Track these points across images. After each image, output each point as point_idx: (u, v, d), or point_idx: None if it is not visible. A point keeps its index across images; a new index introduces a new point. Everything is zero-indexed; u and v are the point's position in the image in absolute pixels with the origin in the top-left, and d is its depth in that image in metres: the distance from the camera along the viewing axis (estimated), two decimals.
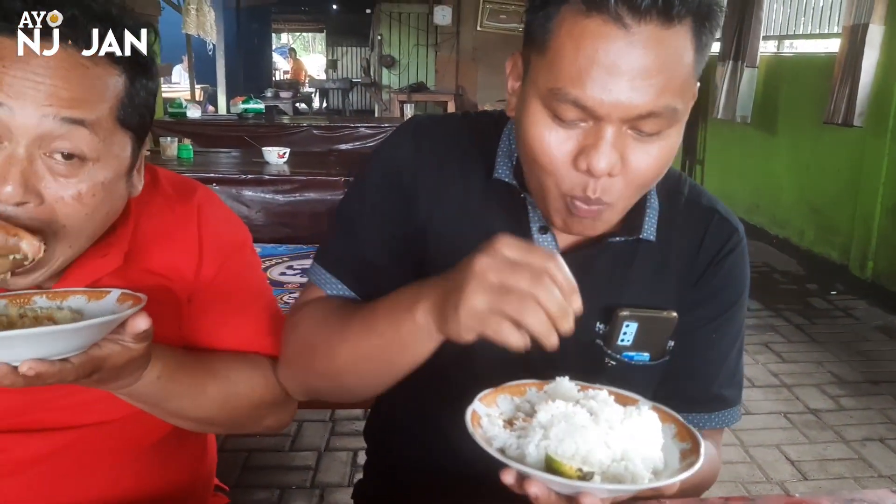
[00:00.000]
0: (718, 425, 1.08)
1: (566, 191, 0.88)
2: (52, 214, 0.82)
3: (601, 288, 1.01)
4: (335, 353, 0.95)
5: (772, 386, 3.41)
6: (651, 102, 0.82)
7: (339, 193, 3.22)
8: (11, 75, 0.78)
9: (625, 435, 0.75)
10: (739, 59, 6.01)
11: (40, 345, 0.71)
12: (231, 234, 1.07)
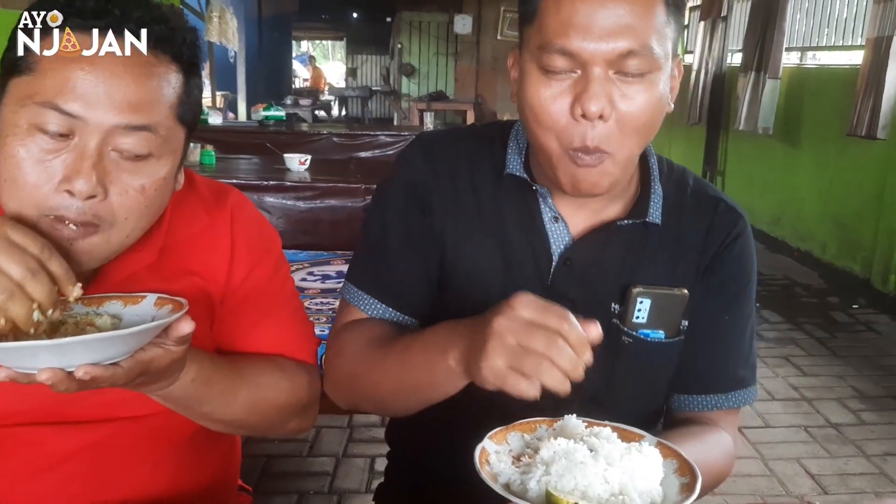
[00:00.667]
0: (735, 405, 1.13)
1: (567, 144, 0.95)
2: (111, 207, 0.85)
3: (615, 270, 1.07)
4: (376, 385, 1.04)
5: (792, 399, 3.38)
6: (628, 42, 0.91)
7: (359, 201, 3.24)
8: (84, 74, 0.81)
9: (623, 470, 0.78)
10: (762, 71, 5.99)
11: (95, 350, 0.73)
12: (263, 238, 1.10)
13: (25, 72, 0.82)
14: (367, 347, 1.06)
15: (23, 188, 0.82)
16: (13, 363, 0.73)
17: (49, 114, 0.81)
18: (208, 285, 1.03)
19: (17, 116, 0.82)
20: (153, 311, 0.86)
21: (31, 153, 0.82)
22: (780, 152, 6.19)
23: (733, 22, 7.25)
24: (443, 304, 1.12)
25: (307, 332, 1.15)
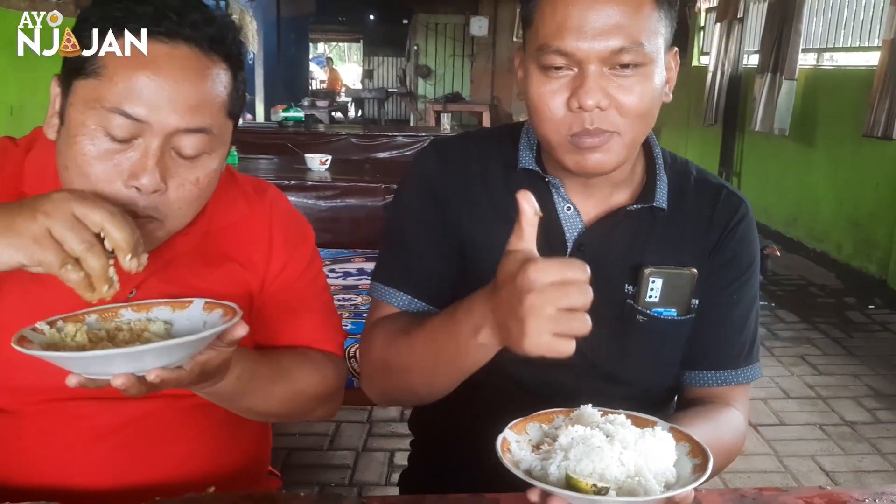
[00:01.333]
0: (745, 380, 1.19)
1: (567, 131, 1.03)
2: (169, 200, 0.93)
3: (626, 253, 1.14)
4: (410, 372, 1.08)
5: (807, 398, 3.40)
6: (620, 40, 0.98)
7: (378, 200, 3.30)
8: (148, 80, 0.88)
9: (638, 453, 0.82)
10: (778, 72, 5.99)
11: (164, 356, 0.80)
12: (299, 231, 1.17)
13: (91, 75, 0.88)
14: (395, 337, 1.11)
15: (93, 183, 0.89)
16: (89, 370, 0.80)
17: (116, 118, 0.88)
18: (247, 273, 1.10)
19: (85, 117, 0.89)
20: (203, 314, 0.92)
21: (100, 151, 0.89)
22: (796, 153, 6.19)
23: (749, 23, 7.25)
24: (463, 292, 1.17)
25: (336, 325, 1.21)
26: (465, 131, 1.27)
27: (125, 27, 0.88)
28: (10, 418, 0.99)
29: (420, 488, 1.34)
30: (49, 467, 1.00)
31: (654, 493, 0.79)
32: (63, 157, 0.92)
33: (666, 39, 1.04)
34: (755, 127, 6.30)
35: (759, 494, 0.98)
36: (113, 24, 0.88)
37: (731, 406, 1.17)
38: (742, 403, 1.20)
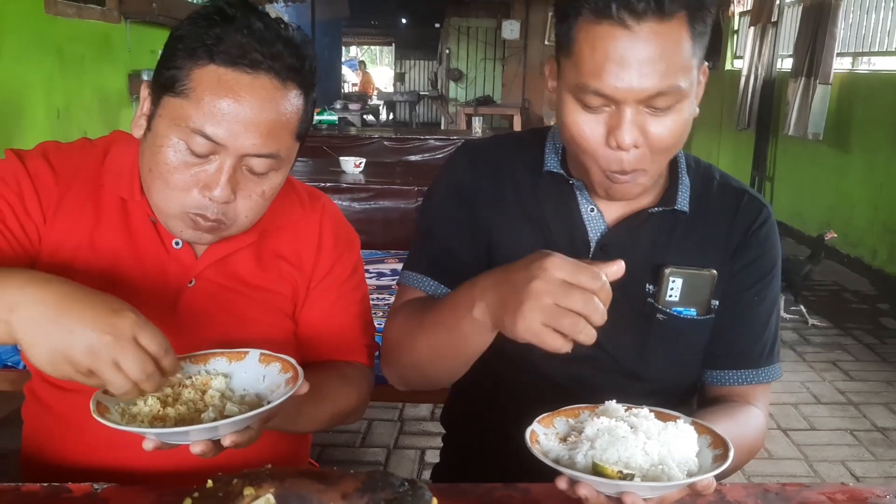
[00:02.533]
0: (765, 380, 1.21)
1: (603, 167, 1.06)
2: (237, 209, 1.03)
3: (648, 254, 1.17)
4: (414, 347, 1.13)
5: (839, 403, 3.39)
6: (657, 84, 0.99)
7: (411, 202, 3.36)
8: (229, 107, 0.96)
9: (661, 443, 0.86)
10: (812, 76, 5.95)
11: (238, 425, 0.87)
12: (346, 238, 1.24)
13: (180, 94, 0.97)
14: (408, 318, 1.16)
15: (172, 189, 1.00)
16: (168, 441, 0.88)
17: (198, 137, 0.97)
18: (296, 272, 1.17)
19: (170, 131, 0.98)
20: (260, 367, 0.99)
21: (180, 162, 0.99)
22: (830, 158, 6.13)
23: (783, 27, 7.20)
24: None
25: (370, 335, 1.28)
26: (495, 134, 1.32)
27: (214, 55, 0.96)
28: (76, 397, 1.06)
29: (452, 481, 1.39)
30: (108, 447, 1.07)
31: (677, 480, 0.83)
32: (147, 161, 1.02)
33: (699, 60, 1.05)
34: (788, 131, 6.26)
35: (781, 489, 1.01)
36: (204, 50, 0.96)
37: (752, 405, 1.20)
38: (762, 402, 1.22)
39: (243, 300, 1.13)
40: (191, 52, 0.97)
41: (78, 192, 1.08)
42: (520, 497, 0.99)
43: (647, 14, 0.97)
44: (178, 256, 1.10)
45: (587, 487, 0.83)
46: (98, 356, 0.81)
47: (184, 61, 0.97)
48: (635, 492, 0.82)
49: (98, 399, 0.89)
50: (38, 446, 1.14)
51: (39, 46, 3.05)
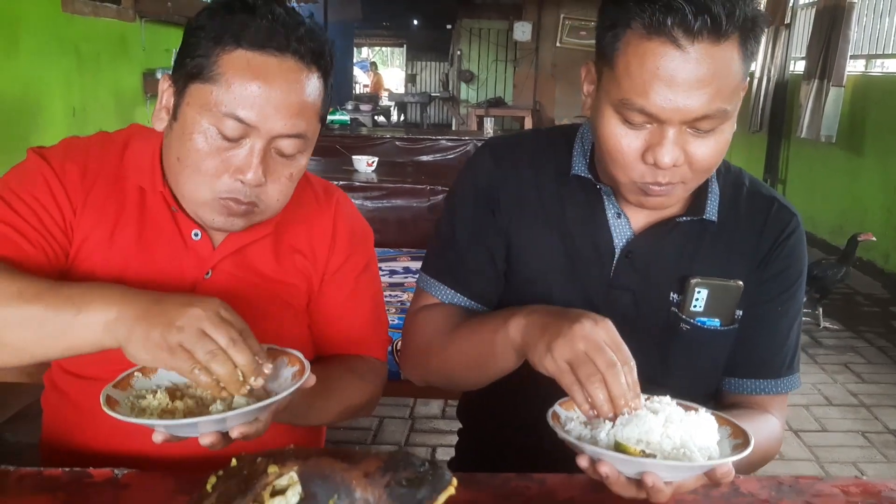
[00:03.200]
0: (785, 390, 1.21)
1: (636, 179, 1.04)
2: (267, 191, 1.05)
3: (674, 262, 1.16)
4: (447, 356, 1.16)
5: (850, 405, 3.38)
6: (704, 107, 0.97)
7: (424, 201, 3.37)
8: (259, 90, 0.98)
9: (683, 428, 0.87)
10: (825, 79, 5.93)
11: (245, 417, 0.88)
12: (360, 230, 1.25)
13: (209, 80, 0.99)
14: (441, 325, 1.19)
15: (203, 175, 1.01)
16: (177, 434, 0.89)
17: (230, 122, 0.98)
18: (310, 265, 1.18)
19: (200, 117, 0.99)
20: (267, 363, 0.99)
21: (212, 148, 1.00)
22: (843, 161, 6.11)
23: (797, 29, 7.18)
24: (509, 293, 1.23)
25: (383, 330, 1.29)
26: (521, 131, 1.32)
27: (242, 41, 0.98)
28: (95, 385, 1.07)
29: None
30: (126, 435, 1.08)
31: (697, 462, 0.84)
32: (175, 150, 1.03)
33: (746, 79, 1.03)
34: (801, 134, 6.24)
35: (795, 482, 1.02)
36: (231, 36, 0.98)
37: (769, 413, 1.19)
38: (779, 411, 1.22)
39: (259, 292, 1.14)
40: (217, 39, 0.99)
41: (102, 185, 1.09)
42: (535, 487, 1.00)
43: (703, 34, 0.94)
44: (196, 248, 1.11)
45: (608, 466, 0.84)
46: (184, 328, 0.85)
47: (210, 48, 0.99)
48: (656, 471, 0.83)
49: (108, 393, 0.90)
50: (57, 434, 1.15)
51: (57, 44, 3.08)
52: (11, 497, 0.92)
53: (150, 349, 0.86)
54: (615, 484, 0.85)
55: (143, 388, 0.95)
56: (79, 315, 0.89)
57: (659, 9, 0.93)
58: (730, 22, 0.94)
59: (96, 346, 0.91)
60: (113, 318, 0.88)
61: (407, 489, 0.60)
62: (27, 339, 0.92)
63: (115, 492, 0.95)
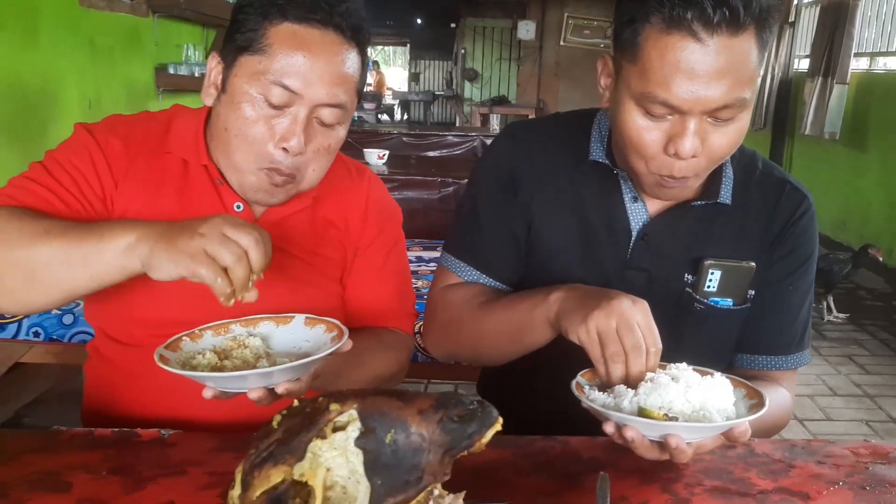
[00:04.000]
0: (794, 366, 1.26)
1: (655, 170, 1.08)
2: (307, 161, 1.11)
3: (688, 244, 1.20)
4: (479, 330, 1.21)
5: (854, 396, 3.43)
6: (724, 97, 1.00)
7: (434, 193, 3.42)
8: (305, 59, 1.04)
9: (702, 392, 0.92)
10: (829, 76, 5.98)
11: (291, 373, 0.93)
12: (390, 208, 1.32)
13: (258, 52, 1.05)
14: (469, 301, 1.24)
15: (250, 143, 1.07)
16: (226, 387, 0.94)
17: (276, 89, 1.05)
18: (344, 238, 1.23)
19: (248, 86, 1.06)
20: (305, 330, 1.06)
21: (259, 116, 1.06)
22: (847, 157, 6.16)
23: (801, 28, 7.23)
24: (528, 272, 1.27)
25: (410, 304, 1.35)
26: (541, 116, 1.36)
27: (288, 14, 1.05)
28: (138, 352, 1.13)
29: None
30: (168, 399, 1.14)
31: (717, 422, 0.89)
32: (223, 120, 1.09)
33: (763, 68, 1.06)
34: (805, 131, 6.29)
35: (807, 444, 1.07)
36: (277, 10, 1.05)
37: (780, 385, 1.24)
38: (790, 385, 1.26)
39: (297, 263, 1.19)
40: (265, 13, 1.06)
41: (144, 159, 1.14)
42: (559, 448, 1.05)
43: (721, 27, 0.96)
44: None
45: (633, 430, 0.88)
46: (207, 234, 0.89)
47: (258, 22, 1.06)
48: (678, 433, 0.87)
49: (160, 352, 0.95)
50: (101, 400, 1.20)
51: (73, 38, 3.13)
52: (65, 454, 0.97)
53: (174, 257, 0.89)
54: (640, 447, 0.90)
55: (191, 351, 1.00)
56: (101, 242, 0.93)
57: (678, 3, 0.97)
58: (747, 13, 0.97)
59: (120, 270, 0.94)
60: (134, 240, 0.92)
61: (458, 425, 0.64)
62: (57, 273, 0.96)
63: (163, 450, 1.00)
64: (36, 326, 2.06)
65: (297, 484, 0.64)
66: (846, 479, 0.98)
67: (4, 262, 0.96)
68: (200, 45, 5.13)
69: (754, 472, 0.99)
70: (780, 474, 0.99)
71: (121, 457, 0.98)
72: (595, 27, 11.23)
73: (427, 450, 0.64)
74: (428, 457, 0.64)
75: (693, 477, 0.97)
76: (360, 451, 0.64)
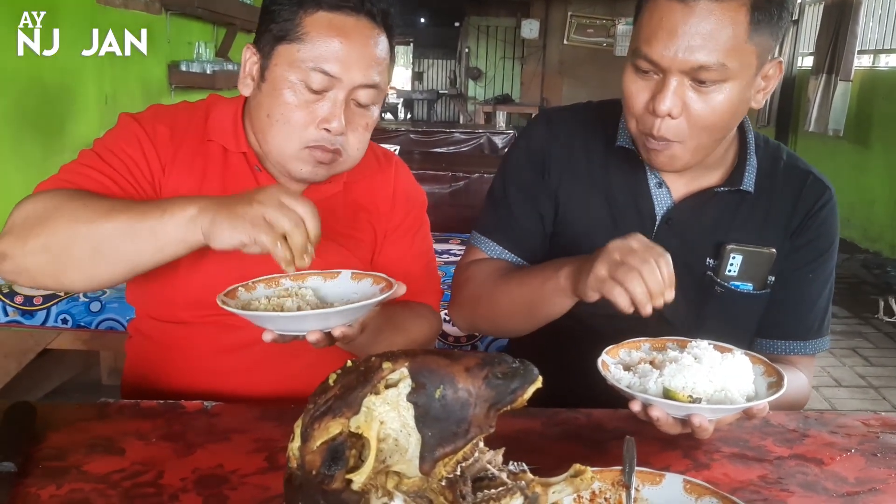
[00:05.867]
0: (812, 351, 1.30)
1: (642, 128, 1.14)
2: (348, 140, 1.17)
3: (711, 230, 1.24)
4: (496, 301, 1.26)
5: (858, 386, 3.48)
6: (702, 58, 1.05)
7: (446, 187, 3.47)
8: (341, 45, 1.10)
9: (723, 372, 0.96)
10: (833, 73, 6.03)
11: (346, 316, 0.97)
12: (416, 192, 1.38)
13: (295, 41, 1.11)
14: (491, 274, 1.29)
15: (293, 127, 1.13)
16: (286, 328, 0.98)
17: (315, 74, 1.10)
18: (374, 221, 1.29)
19: (289, 74, 1.11)
20: (352, 283, 1.10)
21: (300, 101, 1.12)
22: (851, 154, 6.20)
23: (804, 25, 7.27)
24: (556, 252, 1.31)
25: (436, 283, 1.40)
26: (576, 103, 1.39)
27: (322, 3, 1.11)
28: (179, 329, 1.19)
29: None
30: (208, 374, 1.20)
31: (738, 404, 0.93)
32: (265, 108, 1.14)
33: (766, 52, 1.08)
34: (809, 128, 6.34)
35: (820, 416, 1.12)
36: (313, 1, 1.10)
37: (798, 369, 1.27)
38: (808, 369, 1.30)
39: (331, 246, 1.24)
40: (300, 3, 1.12)
41: (189, 145, 1.20)
42: (583, 419, 1.10)
43: None
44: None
45: (659, 410, 0.93)
46: (265, 202, 0.94)
47: (293, 12, 1.11)
48: (702, 413, 0.92)
49: (222, 298, 0.99)
50: (142, 375, 1.26)
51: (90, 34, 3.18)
52: (116, 423, 1.03)
53: (236, 224, 0.93)
54: (664, 425, 0.94)
55: (246, 300, 1.04)
56: (165, 214, 0.98)
57: None
58: None
59: (183, 243, 0.98)
60: (196, 212, 0.96)
61: (502, 381, 0.69)
62: (123, 247, 0.99)
63: (208, 419, 1.05)
64: (64, 313, 2.12)
65: (353, 436, 0.69)
66: (858, 446, 1.03)
67: (72, 238, 1.00)
68: (211, 43, 5.17)
69: (770, 441, 1.04)
70: (794, 442, 1.04)
71: (168, 425, 1.03)
72: (599, 26, 11.27)
73: (473, 404, 0.69)
74: (474, 410, 0.69)
75: (712, 444, 1.02)
76: (412, 405, 0.69)
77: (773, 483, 0.93)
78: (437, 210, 3.58)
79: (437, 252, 2.92)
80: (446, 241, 3.12)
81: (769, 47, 1.10)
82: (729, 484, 0.93)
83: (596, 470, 0.71)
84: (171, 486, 0.88)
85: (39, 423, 1.00)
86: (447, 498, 0.68)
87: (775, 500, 0.89)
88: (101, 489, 0.87)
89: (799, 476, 0.95)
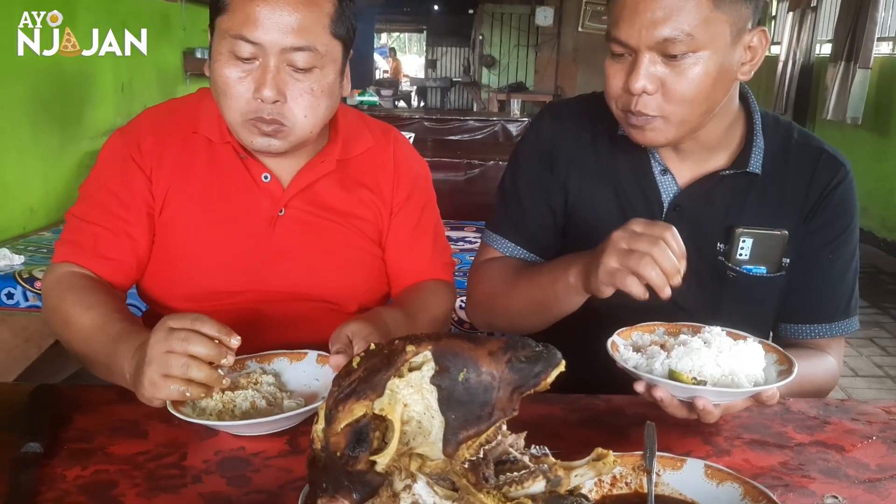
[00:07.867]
0: (839, 333, 1.27)
1: (622, 107, 1.13)
2: (291, 109, 1.13)
3: (720, 215, 1.23)
4: (510, 301, 1.26)
5: (876, 377, 3.46)
6: (665, 31, 1.04)
7: (461, 175, 3.47)
8: (261, 9, 1.07)
9: (732, 357, 0.95)
10: (852, 61, 5.96)
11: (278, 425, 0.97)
12: (419, 165, 1.37)
13: (225, 11, 1.10)
14: (504, 273, 1.29)
15: (232, 99, 1.11)
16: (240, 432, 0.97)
17: (240, 43, 1.09)
18: (377, 199, 1.29)
19: (220, 46, 1.11)
20: (317, 368, 1.08)
21: (233, 73, 1.10)
22: (869, 142, 6.14)
23: (823, 12, 7.19)
24: (567, 245, 1.32)
25: (448, 254, 1.41)
26: (581, 94, 1.39)
27: None
28: None
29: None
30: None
31: (743, 387, 0.93)
32: (212, 85, 1.14)
33: (742, 20, 1.08)
34: (827, 116, 6.27)
35: (841, 403, 1.12)
36: None
37: (826, 352, 1.25)
38: (836, 352, 1.27)
39: (330, 225, 1.25)
40: None
41: (175, 143, 1.22)
42: (603, 405, 1.10)
43: None
44: (268, 189, 1.22)
45: (663, 391, 0.93)
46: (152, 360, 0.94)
47: None
48: (706, 396, 0.92)
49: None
50: None
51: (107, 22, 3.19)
52: (140, 406, 1.03)
53: (147, 398, 0.97)
54: (669, 406, 0.95)
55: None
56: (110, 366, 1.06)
57: None
58: None
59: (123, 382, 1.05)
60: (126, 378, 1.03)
61: (525, 364, 0.69)
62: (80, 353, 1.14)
63: None
64: None
65: (377, 418, 0.69)
66: (879, 433, 1.03)
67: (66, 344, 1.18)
68: None
69: (791, 427, 1.04)
70: (815, 429, 1.03)
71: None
72: None
73: (497, 387, 0.69)
74: (498, 394, 0.69)
75: (732, 431, 1.02)
76: (435, 388, 0.69)
77: (795, 469, 0.93)
78: (453, 198, 3.61)
79: (452, 240, 2.93)
80: (461, 228, 3.12)
81: (745, 15, 1.08)
82: (750, 470, 0.92)
83: (617, 454, 0.71)
84: (194, 468, 0.89)
85: (64, 405, 1.02)
86: (470, 480, 0.68)
87: (796, 486, 0.89)
88: (126, 470, 0.88)
89: (820, 462, 0.95)
